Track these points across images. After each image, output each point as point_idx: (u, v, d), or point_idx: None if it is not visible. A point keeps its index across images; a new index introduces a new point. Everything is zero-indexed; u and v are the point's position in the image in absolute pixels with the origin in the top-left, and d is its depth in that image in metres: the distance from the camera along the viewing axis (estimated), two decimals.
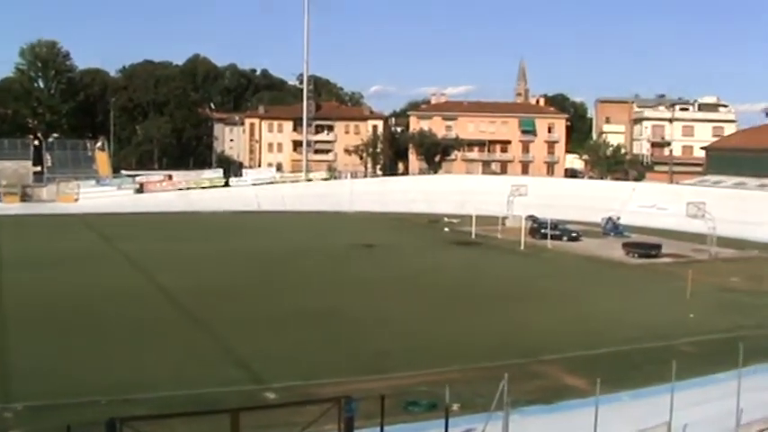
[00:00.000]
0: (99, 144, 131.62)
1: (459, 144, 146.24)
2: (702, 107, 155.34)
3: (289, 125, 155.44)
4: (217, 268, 59.32)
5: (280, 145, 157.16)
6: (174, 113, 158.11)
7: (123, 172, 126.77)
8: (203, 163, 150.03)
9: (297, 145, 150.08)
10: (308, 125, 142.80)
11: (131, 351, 34.93)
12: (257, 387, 30.41)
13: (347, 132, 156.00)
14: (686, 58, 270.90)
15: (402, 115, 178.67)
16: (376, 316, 43.84)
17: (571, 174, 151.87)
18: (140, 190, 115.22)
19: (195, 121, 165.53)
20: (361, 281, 55.72)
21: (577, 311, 46.58)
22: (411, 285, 54.10)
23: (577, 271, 64.02)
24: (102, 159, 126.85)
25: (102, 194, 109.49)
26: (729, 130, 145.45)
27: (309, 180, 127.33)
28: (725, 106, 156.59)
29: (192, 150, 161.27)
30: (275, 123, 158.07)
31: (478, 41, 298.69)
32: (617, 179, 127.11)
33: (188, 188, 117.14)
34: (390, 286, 53.73)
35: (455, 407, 26.02)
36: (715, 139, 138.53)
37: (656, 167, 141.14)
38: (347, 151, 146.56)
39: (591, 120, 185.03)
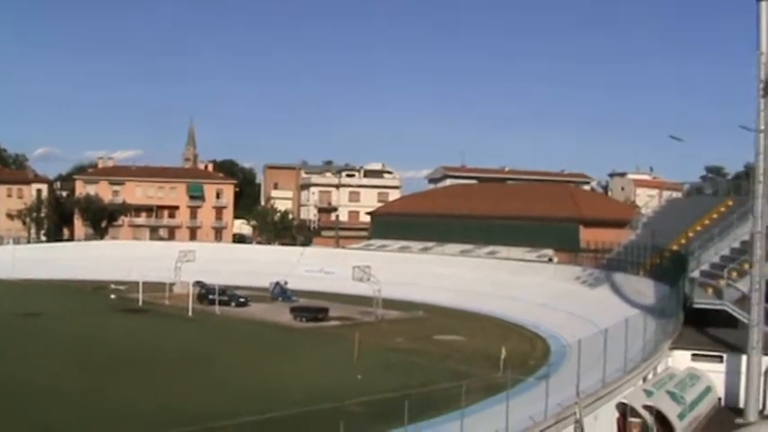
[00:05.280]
0: None
1: (126, 209, 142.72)
2: (368, 173, 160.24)
3: None
4: None
5: None
6: None
7: None
8: None
9: None
10: None
11: None
12: None
13: (9, 196, 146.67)
14: (353, 125, 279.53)
15: (68, 179, 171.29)
16: (39, 388, 40.93)
17: (239, 239, 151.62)
18: None
19: None
20: (25, 351, 51.98)
21: (246, 376, 46.00)
22: (77, 354, 51.56)
23: (245, 336, 63.22)
24: None
25: None
26: (394, 195, 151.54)
27: None
28: (390, 173, 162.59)
29: None
30: None
31: (148, 104, 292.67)
32: (285, 244, 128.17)
33: None
34: (56, 356, 50.96)
35: None
36: (380, 204, 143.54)
37: (324, 232, 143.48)
38: (9, 216, 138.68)
39: (259, 185, 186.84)
